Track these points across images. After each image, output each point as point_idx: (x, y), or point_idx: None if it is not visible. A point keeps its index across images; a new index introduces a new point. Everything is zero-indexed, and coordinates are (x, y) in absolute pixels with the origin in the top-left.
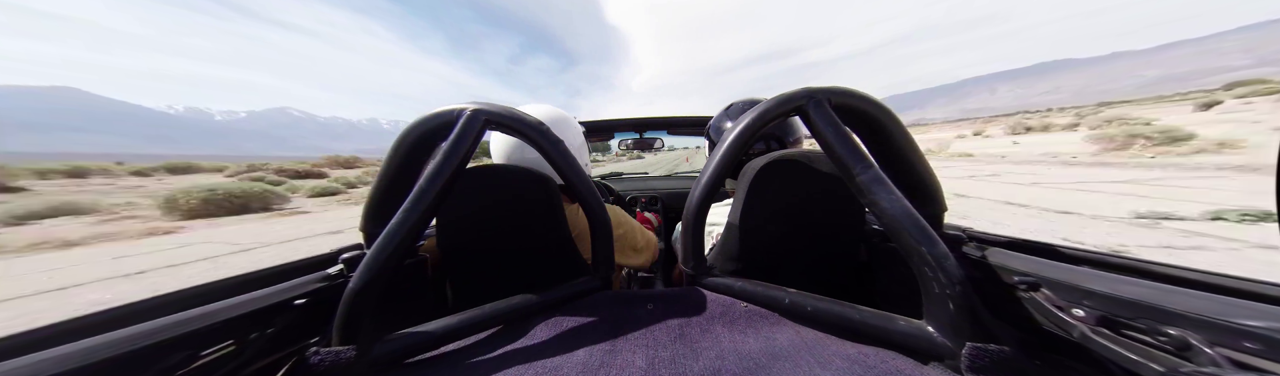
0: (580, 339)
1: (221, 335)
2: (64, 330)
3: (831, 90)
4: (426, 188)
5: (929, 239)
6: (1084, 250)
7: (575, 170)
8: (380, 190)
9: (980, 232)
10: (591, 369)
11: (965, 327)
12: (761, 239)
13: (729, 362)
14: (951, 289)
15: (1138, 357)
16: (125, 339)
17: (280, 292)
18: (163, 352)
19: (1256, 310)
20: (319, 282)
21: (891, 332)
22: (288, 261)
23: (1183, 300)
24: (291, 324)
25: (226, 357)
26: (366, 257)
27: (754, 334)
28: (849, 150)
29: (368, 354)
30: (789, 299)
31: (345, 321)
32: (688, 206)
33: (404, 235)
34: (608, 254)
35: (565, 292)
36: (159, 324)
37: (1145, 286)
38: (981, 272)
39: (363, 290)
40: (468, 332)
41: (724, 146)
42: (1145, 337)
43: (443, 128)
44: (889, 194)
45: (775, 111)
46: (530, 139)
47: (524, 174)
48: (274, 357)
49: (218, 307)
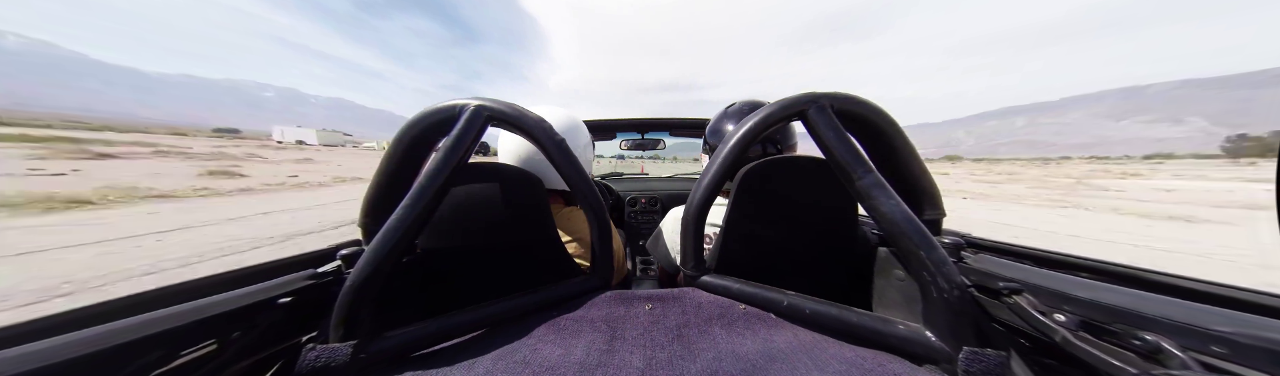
0: (578, 338)
1: (202, 334)
2: (33, 328)
3: (834, 96)
4: (427, 184)
5: (928, 244)
6: (1069, 256)
7: (577, 170)
8: (379, 185)
9: (977, 238)
10: (589, 368)
11: (962, 332)
12: (759, 241)
13: (726, 364)
14: (950, 294)
15: (1114, 361)
16: (97, 336)
17: (265, 290)
18: (137, 351)
19: (1225, 316)
20: (308, 280)
21: (889, 336)
22: (275, 259)
23: (1157, 306)
24: (278, 323)
25: (207, 357)
26: (365, 253)
27: (752, 336)
28: (850, 155)
29: (365, 351)
30: (787, 301)
31: (343, 318)
32: (687, 208)
33: (403, 231)
34: (608, 254)
35: (564, 292)
36: (135, 321)
37: (1123, 292)
38: (970, 277)
39: (361, 286)
40: (466, 331)
41: (725, 149)
42: (1122, 342)
43: (444, 123)
44: (889, 199)
45: (778, 115)
46: (532, 137)
47: (512, 172)
48: (259, 357)
49: (198, 305)
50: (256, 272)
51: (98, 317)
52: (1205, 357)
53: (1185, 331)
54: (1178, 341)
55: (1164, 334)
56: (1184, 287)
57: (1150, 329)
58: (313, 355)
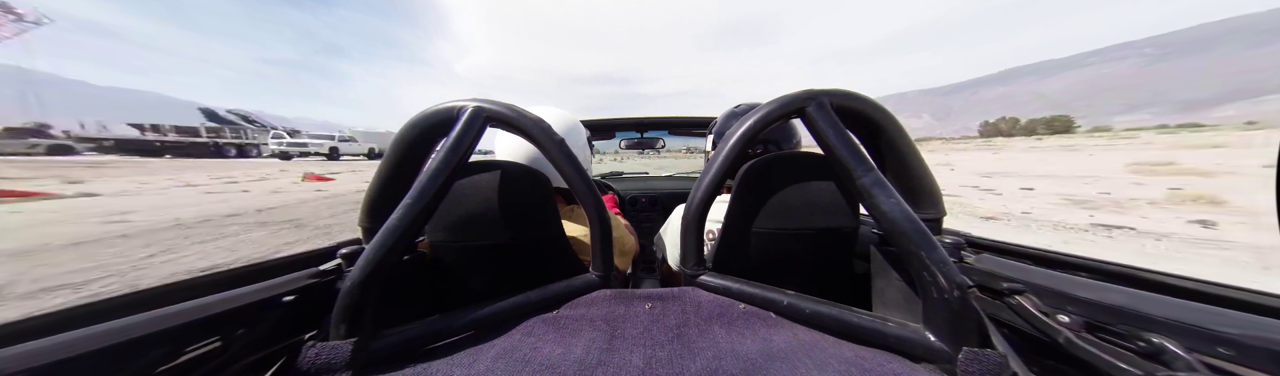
0: (578, 337)
1: (204, 331)
2: (36, 325)
3: (833, 92)
4: (427, 183)
5: (929, 243)
6: (1072, 256)
7: (577, 169)
8: (380, 185)
9: (977, 238)
10: (589, 367)
11: (962, 333)
12: (759, 240)
13: (726, 363)
14: (950, 294)
15: (1117, 362)
16: (100, 334)
17: (269, 289)
18: (140, 349)
19: (1230, 317)
20: (310, 279)
21: (888, 336)
22: (277, 257)
23: (1162, 307)
24: (281, 320)
25: (210, 354)
26: (365, 252)
27: (752, 335)
28: (850, 152)
29: (365, 349)
30: (787, 300)
31: (344, 316)
32: (688, 207)
33: (403, 230)
34: (608, 253)
35: (564, 290)
36: (138, 319)
37: (1128, 293)
38: (971, 277)
39: (362, 284)
40: (466, 329)
41: (726, 147)
42: (1126, 343)
43: (443, 123)
44: (890, 197)
45: (777, 113)
46: (532, 137)
47: (518, 170)
48: (261, 354)
49: (203, 303)
50: (258, 271)
51: (100, 315)
52: (1210, 359)
53: (1190, 332)
54: (1182, 342)
55: (1168, 335)
56: (1188, 288)
57: (1154, 330)
58: (314, 352)
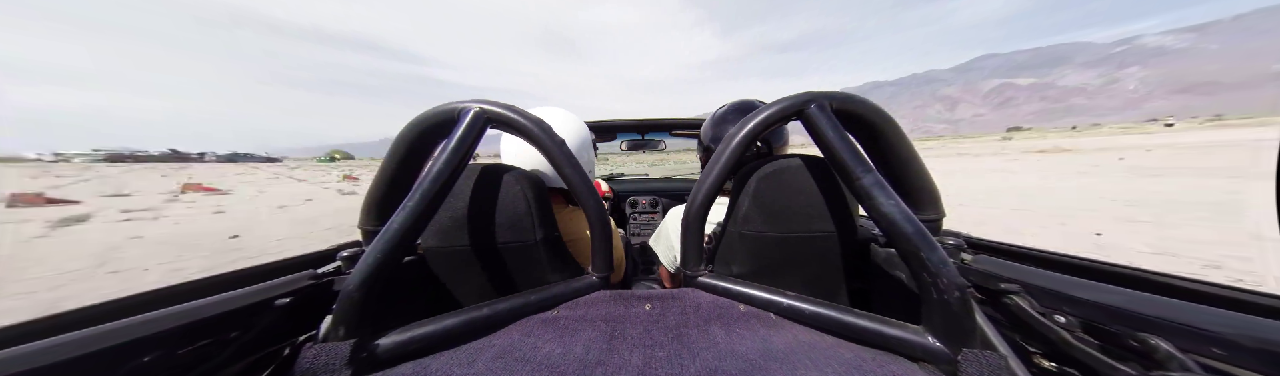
0: (578, 337)
1: (206, 333)
2: (32, 328)
3: (833, 95)
4: (428, 185)
5: (929, 244)
6: (1070, 257)
7: (577, 171)
8: (380, 187)
9: (975, 238)
10: (588, 366)
11: (962, 333)
12: (758, 242)
13: (726, 363)
14: (949, 295)
15: (1114, 362)
16: (95, 336)
17: (269, 290)
18: (136, 351)
19: (1226, 317)
20: (307, 281)
21: (888, 337)
22: (275, 260)
23: (1158, 307)
24: (280, 322)
25: (211, 355)
26: (367, 253)
27: (751, 335)
28: (850, 155)
29: (365, 349)
30: (787, 302)
31: (343, 317)
32: (688, 209)
33: (404, 232)
34: (607, 253)
35: (565, 291)
36: (134, 321)
37: (1123, 294)
38: (969, 278)
39: (361, 285)
40: (465, 329)
41: (727, 150)
42: (1122, 343)
43: (444, 125)
44: (889, 198)
45: (777, 115)
46: (533, 138)
47: (514, 172)
48: (258, 356)
49: (203, 305)
50: (257, 273)
51: (96, 318)
52: (1205, 359)
53: (1185, 333)
54: (1177, 343)
55: (1164, 335)
56: (1184, 289)
57: (1150, 330)
58: (312, 353)
